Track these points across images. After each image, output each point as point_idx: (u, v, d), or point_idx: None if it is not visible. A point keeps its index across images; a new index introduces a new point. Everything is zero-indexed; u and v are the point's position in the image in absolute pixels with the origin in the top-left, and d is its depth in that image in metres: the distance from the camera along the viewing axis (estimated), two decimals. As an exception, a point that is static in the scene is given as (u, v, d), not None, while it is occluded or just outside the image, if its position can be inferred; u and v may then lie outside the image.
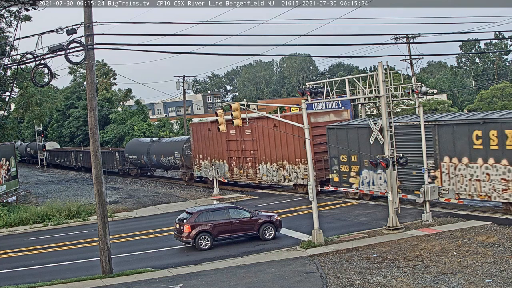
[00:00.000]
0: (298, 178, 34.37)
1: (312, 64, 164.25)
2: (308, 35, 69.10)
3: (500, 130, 23.66)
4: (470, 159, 25.04)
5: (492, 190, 24.22)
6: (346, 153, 30.91)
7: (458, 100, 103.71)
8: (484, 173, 24.52)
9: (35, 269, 21.69)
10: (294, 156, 34.48)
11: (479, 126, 24.60)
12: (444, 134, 26.01)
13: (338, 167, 31.71)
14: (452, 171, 25.86)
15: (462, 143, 25.26)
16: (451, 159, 25.85)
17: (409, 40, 45.68)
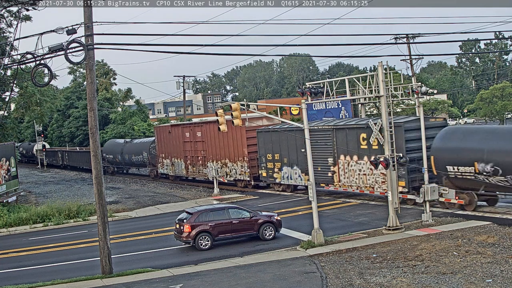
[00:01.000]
0: (237, 174, 39.38)
1: (312, 64, 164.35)
2: (308, 35, 69.07)
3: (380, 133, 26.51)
4: (359, 157, 30.05)
5: (374, 183, 29.31)
6: (271, 153, 36.43)
7: (458, 100, 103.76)
8: (368, 168, 29.28)
9: (35, 269, 21.69)
10: (234, 155, 39.33)
11: (364, 130, 29.25)
12: (340, 136, 31.07)
13: (266, 164, 37.11)
14: (346, 167, 31.03)
15: (353, 144, 30.18)
16: (345, 157, 31.07)
17: (409, 40, 45.68)
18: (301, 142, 31.38)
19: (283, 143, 35.36)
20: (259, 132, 37.35)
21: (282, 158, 35.74)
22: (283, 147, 35.40)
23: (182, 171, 45.99)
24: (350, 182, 30.67)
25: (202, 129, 42.98)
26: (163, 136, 48.76)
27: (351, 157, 30.52)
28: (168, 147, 47.90)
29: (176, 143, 46.53)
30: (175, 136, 46.67)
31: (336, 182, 31.79)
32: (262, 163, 37.34)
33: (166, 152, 48.27)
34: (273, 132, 36.16)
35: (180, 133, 45.87)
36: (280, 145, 35.65)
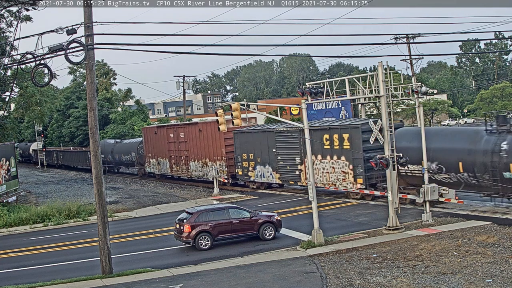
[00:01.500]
0: (211, 173, 41.15)
1: (312, 64, 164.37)
2: (308, 35, 69.08)
3: (339, 134, 31.13)
4: (322, 156, 32.52)
5: (336, 180, 31.82)
6: (246, 152, 38.71)
7: (458, 100, 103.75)
8: (331, 167, 32.01)
9: (35, 269, 21.69)
10: (213, 155, 41.65)
11: (327, 131, 31.92)
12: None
13: (241, 164, 39.33)
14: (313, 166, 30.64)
15: (317, 144, 32.14)
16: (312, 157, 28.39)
17: (409, 40, 45.67)
18: (272, 142, 36.28)
19: (257, 144, 37.78)
20: (236, 133, 39.34)
21: (256, 157, 38.09)
22: (257, 147, 37.79)
23: (167, 170, 48.33)
24: (316, 179, 32.46)
25: (184, 130, 45.34)
26: (149, 137, 51.03)
27: (316, 156, 32.60)
28: (154, 147, 50.13)
29: (161, 144, 48.75)
30: (160, 137, 48.93)
31: (303, 179, 33.97)
32: (238, 162, 39.64)
33: (153, 152, 50.55)
34: (248, 133, 38.69)
35: (165, 134, 47.86)
36: (254, 146, 38.05)
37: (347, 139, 30.79)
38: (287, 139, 35.05)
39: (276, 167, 36.17)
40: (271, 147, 36.40)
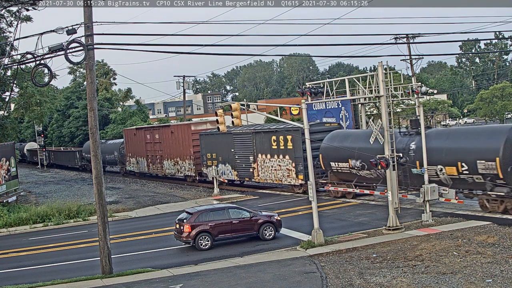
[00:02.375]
0: (186, 171, 45.80)
1: (312, 64, 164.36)
2: (308, 35, 69.05)
3: (284, 136, 34.84)
4: (271, 155, 36.53)
5: (282, 176, 35.85)
6: (210, 152, 42.60)
7: (458, 100, 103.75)
8: (277, 164, 36.06)
9: (35, 269, 21.69)
10: (183, 155, 45.66)
11: (274, 133, 35.82)
12: (257, 138, 37.66)
13: (206, 162, 43.14)
14: (262, 163, 37.35)
15: (267, 145, 36.66)
16: (262, 156, 37.46)
17: (409, 40, 45.67)
18: (231, 144, 40.14)
19: (219, 145, 41.60)
20: (201, 135, 43.71)
21: (218, 157, 41.93)
22: (219, 148, 41.61)
23: (145, 168, 52.40)
24: (265, 176, 37.43)
25: (159, 132, 49.33)
26: (130, 138, 54.99)
27: (266, 155, 36.96)
28: (133, 147, 54.28)
29: (139, 144, 52.78)
30: (139, 138, 52.96)
31: (256, 176, 38.29)
32: (204, 161, 43.51)
33: (132, 152, 54.72)
34: (211, 135, 42.62)
35: (143, 135, 51.67)
36: (217, 146, 41.89)
37: (290, 140, 34.69)
38: (242, 141, 39.05)
39: (234, 165, 40.29)
40: (230, 148, 40.39)
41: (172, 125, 49.24)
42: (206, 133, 43.44)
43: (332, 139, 32.10)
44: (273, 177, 36.62)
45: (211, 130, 42.95)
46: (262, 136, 36.85)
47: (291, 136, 34.16)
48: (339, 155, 31.02)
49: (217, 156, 41.84)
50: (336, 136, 32.44)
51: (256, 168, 37.65)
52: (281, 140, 35.20)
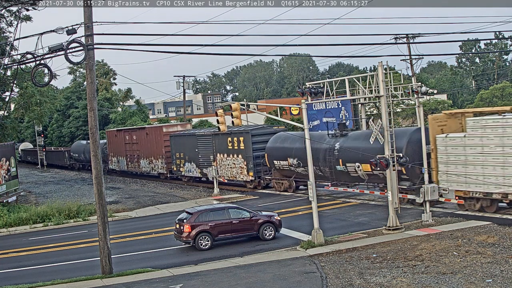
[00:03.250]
0: (159, 169, 49.90)
1: (312, 64, 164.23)
2: (308, 35, 69.04)
3: (238, 137, 38.95)
4: (227, 155, 40.43)
5: (236, 173, 39.68)
6: (179, 152, 46.56)
7: (458, 100, 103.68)
8: (233, 163, 39.79)
9: (35, 269, 21.69)
10: (156, 154, 49.80)
11: (229, 135, 39.52)
12: (216, 140, 41.68)
13: (176, 161, 47.21)
14: (221, 162, 41.22)
15: (224, 145, 40.65)
16: (220, 155, 41.35)
17: (409, 40, 45.64)
18: (195, 144, 44.13)
19: (186, 145, 45.57)
20: (171, 136, 47.76)
21: (185, 156, 45.89)
22: (186, 148, 45.50)
23: (125, 166, 56.11)
24: (223, 173, 41.10)
25: (136, 133, 53.40)
26: (111, 139, 58.96)
27: (223, 155, 40.88)
28: (115, 147, 58.23)
29: (120, 145, 56.71)
30: (119, 139, 56.76)
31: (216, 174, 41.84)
32: (174, 160, 47.46)
33: (114, 152, 58.68)
34: (180, 136, 46.96)
35: (123, 136, 55.40)
36: (184, 147, 45.80)
37: (242, 141, 38.61)
38: (204, 142, 43.22)
39: (198, 163, 44.30)
40: (194, 148, 44.30)
41: (147, 127, 53.05)
42: (176, 134, 47.67)
43: (275, 141, 36.82)
44: (230, 174, 40.54)
45: (180, 132, 48.18)
46: (220, 137, 40.80)
47: (243, 137, 38.41)
48: (280, 154, 35.88)
49: (184, 155, 45.97)
50: (278, 138, 36.90)
51: (217, 165, 41.59)
52: (235, 141, 39.37)
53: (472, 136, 25.08)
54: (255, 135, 38.08)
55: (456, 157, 25.74)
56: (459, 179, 25.63)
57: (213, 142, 41.95)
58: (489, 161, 24.30)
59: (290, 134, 36.86)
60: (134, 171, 55.11)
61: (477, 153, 24.88)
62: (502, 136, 23.76)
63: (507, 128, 23.57)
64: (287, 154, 34.96)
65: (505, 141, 23.69)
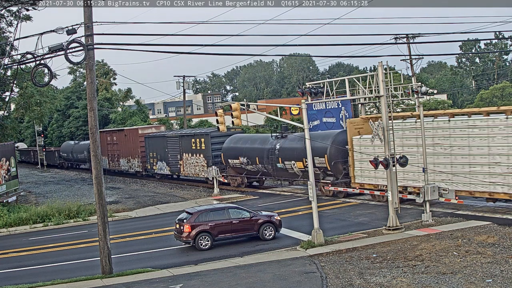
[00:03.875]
0: (135, 167, 54.08)
1: (312, 64, 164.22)
2: (308, 35, 69.03)
3: (199, 139, 43.40)
4: (191, 154, 44.44)
5: (199, 171, 43.55)
6: (152, 151, 50.79)
7: (458, 100, 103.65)
8: (196, 161, 43.87)
9: (35, 269, 21.69)
10: (134, 154, 53.96)
11: (193, 137, 44.18)
12: (183, 141, 45.73)
13: (149, 160, 51.32)
14: (186, 161, 45.17)
15: (189, 146, 44.64)
16: (186, 155, 45.32)
17: (409, 40, 45.62)
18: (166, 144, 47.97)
19: (158, 145, 49.56)
20: (146, 138, 51.88)
21: (157, 155, 49.89)
22: (158, 148, 49.50)
23: (107, 165, 59.42)
24: (188, 171, 45.19)
25: (116, 135, 57.69)
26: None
27: (188, 154, 44.74)
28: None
29: (102, 145, 57.65)
30: (102, 140, 58.50)
31: (182, 171, 46.14)
32: (148, 159, 51.56)
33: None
34: (153, 137, 50.94)
35: (105, 137, 58.64)
36: (157, 147, 49.82)
37: (203, 142, 42.87)
38: (173, 142, 47.13)
39: (168, 162, 48.09)
40: (165, 148, 48.19)
41: (125, 129, 57.67)
42: (149, 136, 51.59)
43: (230, 142, 41.13)
44: (193, 171, 44.53)
45: (154, 134, 52.08)
46: (186, 139, 45.17)
47: (204, 139, 42.82)
48: (233, 154, 40.21)
49: (156, 155, 50.17)
50: (233, 139, 41.15)
51: (182, 165, 45.94)
52: (198, 142, 43.62)
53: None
54: (213, 137, 42.09)
55: (368, 155, 28.64)
56: (370, 174, 30.12)
57: (180, 143, 46.06)
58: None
59: (242, 136, 41.76)
60: (115, 169, 59.14)
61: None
62: (402, 137, 28.21)
63: (405, 131, 28.38)
64: (239, 154, 39.54)
65: (404, 142, 28.22)
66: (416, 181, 27.53)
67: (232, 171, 41.12)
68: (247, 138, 40.52)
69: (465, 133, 25.92)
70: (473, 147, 25.51)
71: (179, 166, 46.22)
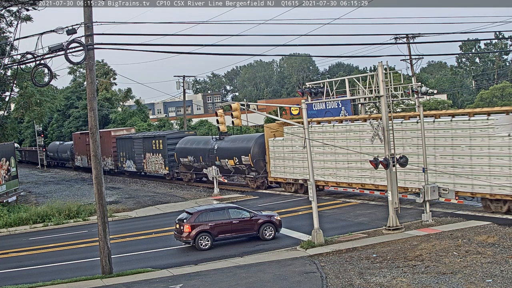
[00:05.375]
0: (109, 165, 59.76)
1: (312, 64, 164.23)
2: (308, 35, 68.99)
3: (158, 140, 49.87)
4: (152, 153, 50.57)
5: (158, 168, 50.00)
6: (122, 151, 56.49)
7: (458, 100, 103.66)
8: (155, 160, 50.22)
9: (35, 269, 21.69)
10: (107, 153, 59.56)
11: (153, 138, 50.59)
12: (145, 142, 52.19)
13: (120, 159, 57.35)
14: (148, 159, 51.45)
15: (150, 146, 51.03)
16: (148, 154, 51.60)
17: (409, 40, 45.62)
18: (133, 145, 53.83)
19: (127, 146, 55.45)
20: (117, 139, 57.90)
21: (126, 154, 55.89)
22: (127, 148, 55.43)
23: (86, 164, 65.29)
24: (150, 168, 51.71)
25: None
26: (76, 141, 69.63)
27: (150, 154, 51.20)
28: (79, 148, 68.81)
29: (83, 145, 66.58)
30: (82, 141, 66.77)
31: (145, 168, 52.75)
32: (119, 158, 57.50)
33: (78, 151, 69.19)
34: (123, 139, 56.71)
35: (84, 138, 64.27)
36: (126, 147, 55.69)
37: (161, 143, 49.27)
38: (138, 144, 53.13)
39: (134, 161, 54.02)
40: (132, 148, 54.31)
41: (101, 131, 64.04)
42: (120, 137, 57.62)
43: (181, 143, 47.59)
44: (154, 168, 50.98)
45: (123, 135, 57.79)
46: (148, 140, 51.69)
47: (161, 140, 49.25)
48: (184, 153, 46.54)
49: (125, 154, 56.31)
50: (183, 141, 47.56)
51: (145, 163, 52.30)
52: (157, 143, 49.92)
53: (287, 140, 36.07)
54: (169, 139, 48.77)
55: (279, 154, 36.83)
56: (281, 170, 36.87)
57: (143, 144, 52.30)
58: (296, 157, 35.12)
59: (191, 138, 47.98)
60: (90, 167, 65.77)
61: (289, 151, 35.90)
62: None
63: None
64: (188, 153, 45.94)
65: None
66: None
67: (183, 168, 47.60)
68: (194, 140, 46.89)
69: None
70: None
71: (143, 164, 52.75)
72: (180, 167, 47.86)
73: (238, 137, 43.31)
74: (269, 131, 37.84)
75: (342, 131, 31.75)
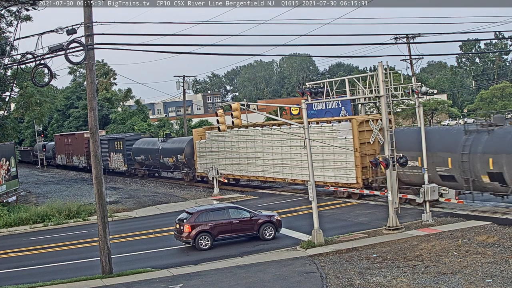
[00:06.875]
0: (83, 163, 65.66)
1: (312, 64, 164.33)
2: (308, 35, 69.00)
3: (118, 142, 57.77)
4: (115, 153, 58.07)
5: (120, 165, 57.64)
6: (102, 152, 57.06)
7: (458, 100, 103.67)
8: (118, 158, 57.61)
9: (35, 269, 21.69)
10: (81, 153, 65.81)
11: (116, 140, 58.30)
12: (110, 143, 58.40)
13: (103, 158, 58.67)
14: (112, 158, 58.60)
15: (114, 147, 57.96)
16: (112, 153, 58.95)
17: (409, 40, 45.60)
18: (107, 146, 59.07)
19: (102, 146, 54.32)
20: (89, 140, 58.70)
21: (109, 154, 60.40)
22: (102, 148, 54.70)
23: (65, 162, 73.11)
24: (114, 166, 58.91)
25: (71, 137, 70.53)
26: (57, 141, 76.05)
27: (114, 153, 58.45)
28: (59, 148, 75.37)
29: (62, 146, 73.80)
30: (62, 141, 73.67)
31: (110, 165, 58.91)
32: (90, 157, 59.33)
33: (59, 151, 75.79)
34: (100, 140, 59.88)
35: (64, 139, 72.09)
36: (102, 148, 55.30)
37: (121, 144, 56.40)
38: (104, 144, 58.11)
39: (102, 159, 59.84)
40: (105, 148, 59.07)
41: (76, 133, 70.72)
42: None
43: (137, 143, 54.83)
44: (116, 166, 58.36)
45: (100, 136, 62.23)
46: (111, 141, 58.88)
47: (122, 141, 56.38)
48: (138, 152, 53.99)
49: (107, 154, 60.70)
50: (138, 142, 55.00)
51: (110, 161, 59.40)
52: (118, 144, 57.10)
53: (208, 142, 44.21)
54: (128, 140, 56.24)
55: (203, 153, 44.74)
56: (204, 166, 43.53)
57: (108, 145, 59.11)
58: (214, 155, 43.10)
59: (144, 139, 55.25)
60: (70, 165, 71.98)
61: (210, 151, 43.81)
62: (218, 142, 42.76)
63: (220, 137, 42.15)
64: (141, 153, 53.40)
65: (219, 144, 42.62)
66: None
67: (138, 165, 55.33)
68: (146, 141, 54.26)
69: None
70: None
71: (108, 162, 59.43)
72: (135, 164, 55.48)
73: (177, 139, 51.30)
74: (196, 134, 46.16)
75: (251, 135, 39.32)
